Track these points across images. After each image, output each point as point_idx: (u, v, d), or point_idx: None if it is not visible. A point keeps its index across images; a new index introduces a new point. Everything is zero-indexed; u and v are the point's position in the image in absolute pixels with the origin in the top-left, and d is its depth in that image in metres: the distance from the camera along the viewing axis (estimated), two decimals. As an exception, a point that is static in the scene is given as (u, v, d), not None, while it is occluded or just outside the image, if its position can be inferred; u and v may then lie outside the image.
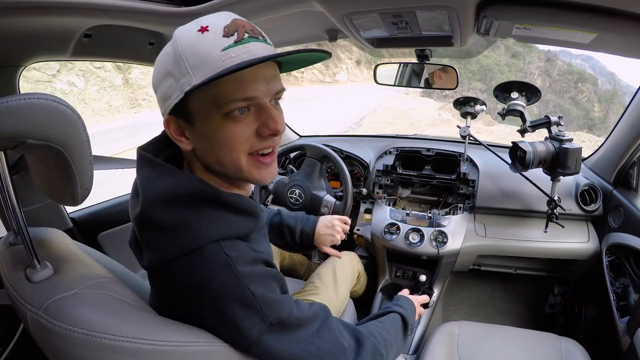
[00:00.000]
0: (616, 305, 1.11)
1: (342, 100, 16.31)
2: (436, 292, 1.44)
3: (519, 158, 1.13)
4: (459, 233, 1.38)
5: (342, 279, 1.17)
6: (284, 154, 1.57)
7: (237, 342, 0.51)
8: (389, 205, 1.52)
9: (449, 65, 1.28)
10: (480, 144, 1.42)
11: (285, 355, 0.53)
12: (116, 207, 1.29)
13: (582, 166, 1.37)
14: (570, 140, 1.12)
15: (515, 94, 1.21)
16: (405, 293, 0.94)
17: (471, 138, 1.37)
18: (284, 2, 0.74)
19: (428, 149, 1.56)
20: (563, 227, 1.23)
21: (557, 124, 1.17)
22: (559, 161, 1.10)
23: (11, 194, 0.48)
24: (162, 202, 0.50)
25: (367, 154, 1.63)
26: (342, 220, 1.02)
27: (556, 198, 1.21)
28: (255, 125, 0.51)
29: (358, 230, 1.53)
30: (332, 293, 1.11)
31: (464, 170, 1.48)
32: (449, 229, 1.37)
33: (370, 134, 2.90)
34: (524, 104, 1.21)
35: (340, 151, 1.63)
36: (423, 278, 1.32)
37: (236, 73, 0.45)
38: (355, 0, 0.75)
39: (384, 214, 1.47)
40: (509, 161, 1.19)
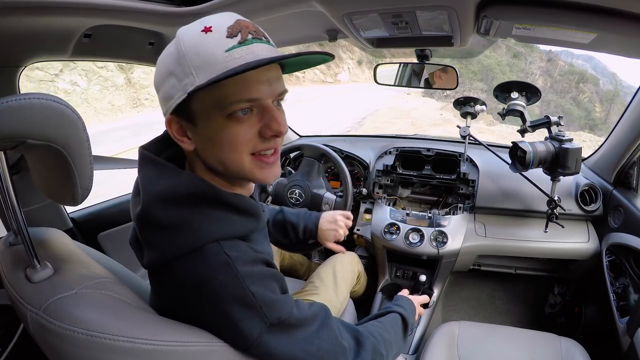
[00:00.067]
0: (616, 305, 1.11)
1: (344, 100, 16.30)
2: (436, 292, 1.44)
3: (519, 158, 1.13)
4: (459, 233, 1.38)
5: (342, 279, 1.17)
6: (283, 155, 1.57)
7: (236, 342, 0.51)
8: (389, 205, 1.52)
9: (449, 65, 1.28)
10: (480, 144, 1.41)
11: (285, 355, 0.54)
12: (116, 207, 1.29)
13: (582, 166, 1.37)
14: (570, 140, 1.12)
15: (515, 94, 1.21)
16: (405, 293, 0.94)
17: (471, 138, 1.37)
18: (284, 2, 0.74)
19: (428, 149, 1.56)
20: (563, 227, 1.23)
21: (557, 124, 1.17)
22: (559, 161, 1.10)
23: (11, 194, 0.48)
24: (163, 201, 0.50)
25: (367, 154, 1.63)
26: (345, 215, 1.01)
27: (556, 198, 1.21)
28: (258, 126, 0.51)
29: (358, 230, 1.53)
30: (332, 293, 1.11)
31: (464, 170, 1.48)
32: (449, 229, 1.37)
33: (370, 134, 2.90)
34: (523, 104, 1.21)
35: (340, 151, 1.63)
36: (423, 278, 1.33)
37: (240, 74, 0.45)
38: (355, 0, 0.75)
39: (384, 214, 1.47)
40: (509, 161, 1.18)
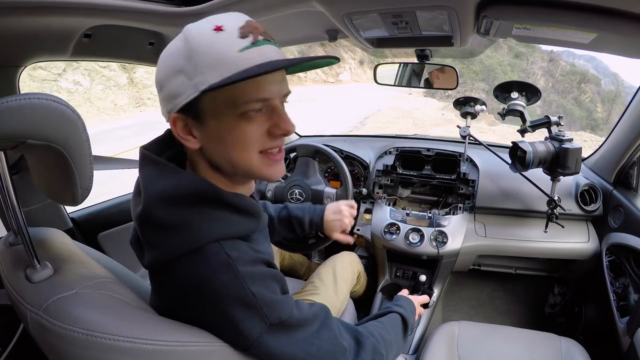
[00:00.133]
0: (616, 305, 1.11)
1: (346, 100, 16.30)
2: (436, 292, 1.44)
3: (519, 158, 1.13)
4: (459, 233, 1.38)
5: (342, 279, 1.17)
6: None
7: (237, 342, 0.51)
8: (389, 205, 1.52)
9: (449, 65, 1.28)
10: (480, 144, 1.41)
11: (285, 356, 0.54)
12: (116, 207, 1.29)
13: (582, 166, 1.37)
14: (570, 140, 1.11)
15: (515, 94, 1.21)
16: (405, 293, 0.94)
17: (471, 138, 1.37)
18: (284, 2, 0.74)
19: (428, 149, 1.56)
20: (563, 227, 1.23)
21: (557, 124, 1.17)
22: (559, 161, 1.10)
23: (11, 194, 0.48)
24: (164, 201, 0.50)
25: (367, 154, 1.63)
26: (349, 204, 1.00)
27: (556, 198, 1.20)
28: (267, 125, 0.52)
29: (358, 230, 1.53)
30: (332, 293, 1.11)
31: (464, 170, 1.48)
32: (449, 229, 1.37)
33: (370, 133, 2.89)
34: (524, 104, 1.21)
35: (340, 151, 1.63)
36: (423, 278, 1.33)
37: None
38: (355, 0, 0.75)
39: (384, 214, 1.47)
40: (509, 161, 1.18)
